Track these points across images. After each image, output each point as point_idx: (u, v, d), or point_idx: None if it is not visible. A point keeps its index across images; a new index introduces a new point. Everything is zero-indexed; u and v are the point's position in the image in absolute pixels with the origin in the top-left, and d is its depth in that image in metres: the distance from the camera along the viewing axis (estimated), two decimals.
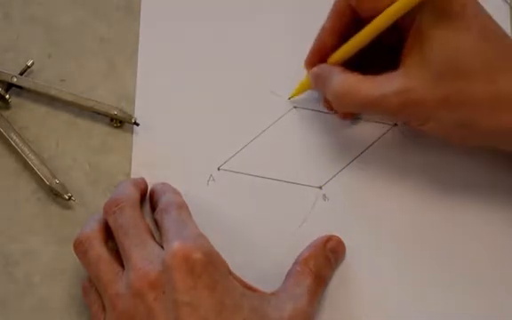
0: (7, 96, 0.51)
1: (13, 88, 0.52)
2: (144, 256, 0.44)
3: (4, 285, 0.49)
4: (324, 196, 0.51)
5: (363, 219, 0.51)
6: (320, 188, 0.51)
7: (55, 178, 0.50)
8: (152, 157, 0.51)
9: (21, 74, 0.52)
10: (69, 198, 0.50)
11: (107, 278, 0.44)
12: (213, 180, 0.51)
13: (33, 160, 0.50)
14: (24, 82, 0.52)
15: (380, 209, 0.51)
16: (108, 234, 0.47)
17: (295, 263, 0.48)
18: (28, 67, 0.52)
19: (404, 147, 0.52)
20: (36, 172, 0.50)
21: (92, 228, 0.46)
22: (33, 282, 0.49)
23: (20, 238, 0.50)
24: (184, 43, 0.54)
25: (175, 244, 0.43)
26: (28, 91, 0.52)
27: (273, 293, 0.46)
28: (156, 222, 0.48)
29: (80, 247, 0.46)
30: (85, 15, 0.54)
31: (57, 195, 0.50)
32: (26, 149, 0.51)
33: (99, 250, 0.45)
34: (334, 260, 0.49)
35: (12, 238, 0.50)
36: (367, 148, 0.52)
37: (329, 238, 0.49)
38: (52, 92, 0.52)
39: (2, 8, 0.54)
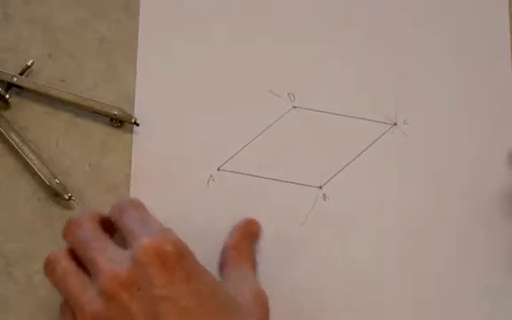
0: (7, 96, 0.51)
1: (13, 88, 0.52)
2: (109, 258, 0.42)
3: (4, 285, 0.49)
4: (324, 195, 0.51)
5: (363, 219, 0.51)
6: (320, 187, 0.51)
7: (55, 178, 0.50)
8: (152, 157, 0.51)
9: (21, 74, 0.52)
10: (69, 198, 0.50)
11: (76, 290, 0.43)
12: (213, 180, 0.51)
13: (33, 160, 0.50)
14: (24, 82, 0.52)
15: (379, 209, 0.51)
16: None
17: (227, 249, 0.48)
18: (28, 67, 0.52)
19: (403, 147, 0.52)
20: (36, 172, 0.50)
21: (60, 249, 0.45)
22: (33, 282, 0.49)
23: (20, 238, 0.50)
24: (184, 43, 0.54)
25: (144, 240, 0.42)
26: (28, 91, 0.52)
27: (223, 280, 0.46)
28: (115, 223, 0.46)
29: (49, 266, 0.44)
30: (85, 15, 0.54)
31: (57, 195, 0.50)
32: (26, 149, 0.50)
33: (66, 265, 0.44)
34: (255, 240, 0.49)
35: (12, 238, 0.50)
36: (367, 148, 0.52)
37: (248, 222, 0.50)
38: (52, 92, 0.52)
39: (2, 8, 0.54)
